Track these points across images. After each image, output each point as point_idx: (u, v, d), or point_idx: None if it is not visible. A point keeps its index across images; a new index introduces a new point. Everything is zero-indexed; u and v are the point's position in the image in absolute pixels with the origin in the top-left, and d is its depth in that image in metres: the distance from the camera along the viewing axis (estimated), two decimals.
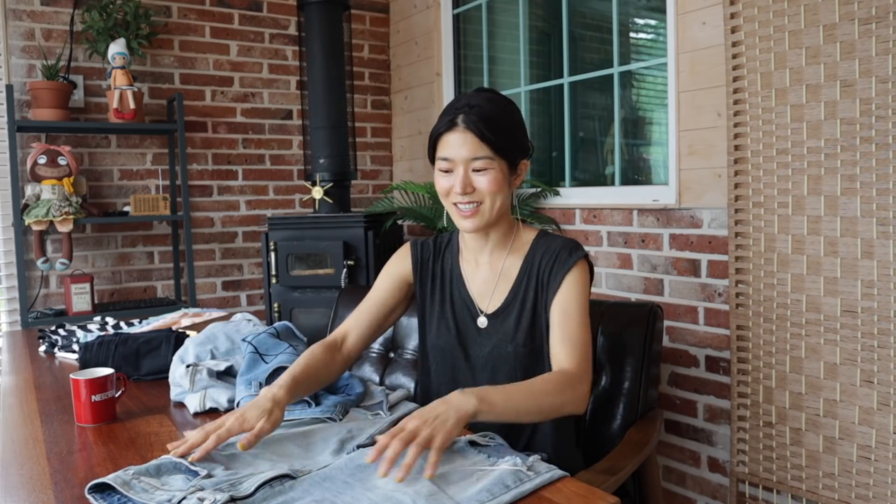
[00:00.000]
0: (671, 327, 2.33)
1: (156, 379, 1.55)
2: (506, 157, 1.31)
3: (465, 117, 1.28)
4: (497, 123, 1.29)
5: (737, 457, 2.12)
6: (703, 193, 2.19)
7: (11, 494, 0.96)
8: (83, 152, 3.02)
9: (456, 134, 1.29)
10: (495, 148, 1.28)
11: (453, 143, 1.30)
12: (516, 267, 1.38)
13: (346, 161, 3.13)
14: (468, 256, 1.44)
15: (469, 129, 1.28)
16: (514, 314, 1.35)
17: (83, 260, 3.03)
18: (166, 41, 3.19)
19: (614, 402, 1.60)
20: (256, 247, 3.41)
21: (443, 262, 1.46)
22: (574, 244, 1.35)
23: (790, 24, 1.89)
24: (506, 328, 1.36)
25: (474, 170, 1.29)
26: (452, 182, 1.31)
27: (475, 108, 1.29)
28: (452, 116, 1.30)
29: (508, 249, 1.40)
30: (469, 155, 1.29)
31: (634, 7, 2.60)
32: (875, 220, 1.76)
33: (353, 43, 3.62)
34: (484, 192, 1.30)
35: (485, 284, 1.40)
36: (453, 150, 1.30)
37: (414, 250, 1.47)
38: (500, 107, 1.32)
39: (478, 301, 1.40)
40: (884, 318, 1.76)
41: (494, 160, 1.29)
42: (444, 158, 1.32)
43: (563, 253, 1.32)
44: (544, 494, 0.93)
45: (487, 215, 1.32)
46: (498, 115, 1.30)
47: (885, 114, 1.72)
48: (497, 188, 1.30)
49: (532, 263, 1.36)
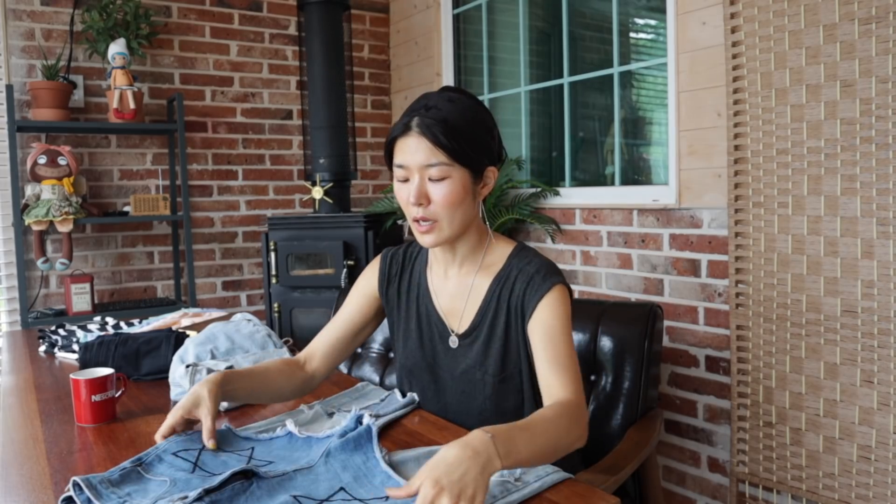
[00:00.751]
0: (671, 327, 2.33)
1: (156, 379, 1.55)
2: (466, 163, 1.18)
3: (420, 120, 1.17)
4: (455, 127, 1.17)
5: (737, 457, 2.12)
6: (703, 193, 2.19)
7: (11, 494, 0.96)
8: (83, 152, 3.02)
9: (410, 139, 1.18)
10: (452, 154, 1.16)
11: (407, 148, 1.18)
12: (486, 285, 1.27)
13: (346, 161, 3.13)
14: (437, 269, 1.33)
15: (423, 134, 1.16)
16: (483, 338, 1.26)
17: (83, 260, 3.03)
18: (166, 41, 3.19)
19: (614, 402, 1.60)
20: (256, 247, 3.41)
21: (411, 274, 1.37)
22: (550, 267, 1.23)
23: (790, 24, 1.89)
24: (475, 352, 1.26)
25: (431, 178, 1.18)
26: (408, 193, 1.20)
27: (432, 109, 1.18)
28: (408, 119, 1.19)
29: (479, 263, 1.29)
30: (423, 161, 1.17)
31: (634, 7, 2.60)
32: (875, 220, 1.76)
33: (353, 43, 3.63)
34: (439, 207, 1.18)
35: (454, 300, 1.30)
36: (407, 157, 1.18)
37: (382, 264, 1.39)
38: (461, 107, 1.20)
39: (447, 318, 1.30)
40: (884, 318, 1.76)
41: (453, 167, 1.17)
42: (399, 165, 1.20)
43: (536, 277, 1.21)
44: (544, 494, 0.93)
45: (447, 232, 1.21)
46: (458, 118, 1.18)
47: (885, 114, 1.72)
48: (455, 200, 1.18)
49: (503, 285, 1.24)
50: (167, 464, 1.00)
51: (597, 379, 1.65)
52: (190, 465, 1.00)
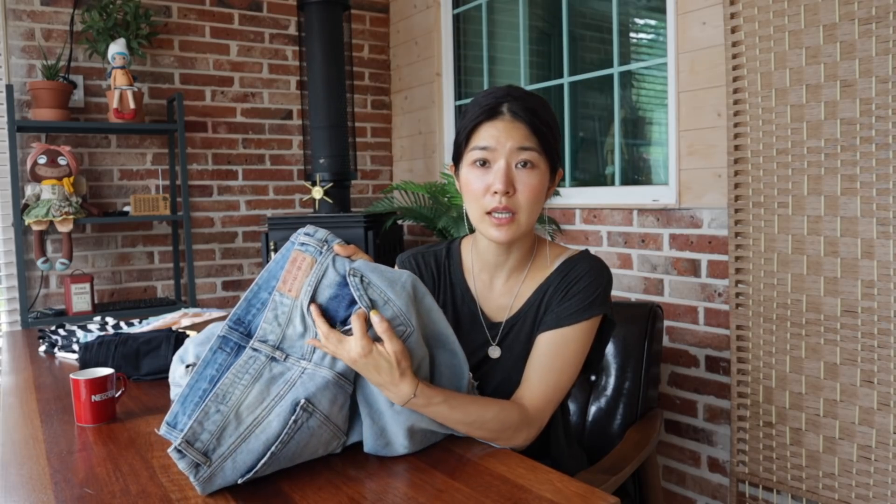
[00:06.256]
0: (671, 327, 2.33)
1: (156, 379, 1.55)
2: (550, 156, 1.14)
3: (511, 105, 1.11)
4: (544, 118, 1.12)
5: (737, 457, 2.12)
6: (703, 193, 2.19)
7: (11, 494, 0.96)
8: (83, 152, 3.02)
9: (501, 122, 1.11)
10: (544, 142, 1.12)
11: (497, 131, 1.11)
12: (531, 291, 1.21)
13: (346, 161, 3.13)
14: (481, 275, 1.25)
15: (518, 118, 1.11)
16: (518, 350, 1.20)
17: (83, 260, 3.03)
18: (166, 41, 3.19)
19: (614, 402, 1.60)
20: (256, 247, 3.41)
21: (450, 278, 1.28)
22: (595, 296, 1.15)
23: (790, 24, 1.89)
24: (511, 364, 1.20)
25: (518, 165, 1.11)
26: (489, 181, 1.11)
27: (519, 99, 1.12)
28: (494, 104, 1.12)
29: (527, 270, 1.22)
30: (516, 144, 1.10)
31: (634, 7, 2.60)
32: (875, 220, 1.76)
33: (353, 43, 3.63)
34: (523, 197, 1.11)
35: (499, 310, 1.23)
36: (496, 139, 1.10)
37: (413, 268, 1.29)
38: (542, 102, 1.15)
39: (490, 329, 1.23)
40: (884, 318, 1.76)
41: (541, 157, 1.12)
42: (482, 147, 1.11)
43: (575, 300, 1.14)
44: (545, 495, 0.93)
45: (524, 227, 1.13)
46: (544, 111, 1.14)
47: (885, 114, 1.72)
48: (539, 192, 1.13)
49: (546, 292, 1.19)
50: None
51: (597, 379, 1.65)
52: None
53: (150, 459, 1.06)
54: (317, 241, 1.01)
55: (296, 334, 0.99)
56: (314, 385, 0.97)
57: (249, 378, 0.95)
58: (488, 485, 0.95)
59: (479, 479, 0.97)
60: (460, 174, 1.18)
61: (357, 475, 0.99)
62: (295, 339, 0.99)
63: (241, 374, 0.95)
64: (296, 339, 0.99)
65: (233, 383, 0.94)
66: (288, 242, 1.02)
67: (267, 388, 0.95)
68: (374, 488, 0.95)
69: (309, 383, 0.97)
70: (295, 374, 0.97)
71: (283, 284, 0.99)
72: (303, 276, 0.99)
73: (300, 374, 0.97)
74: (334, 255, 1.00)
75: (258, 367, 0.96)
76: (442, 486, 0.95)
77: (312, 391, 0.96)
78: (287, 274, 0.99)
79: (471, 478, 0.98)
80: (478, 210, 1.14)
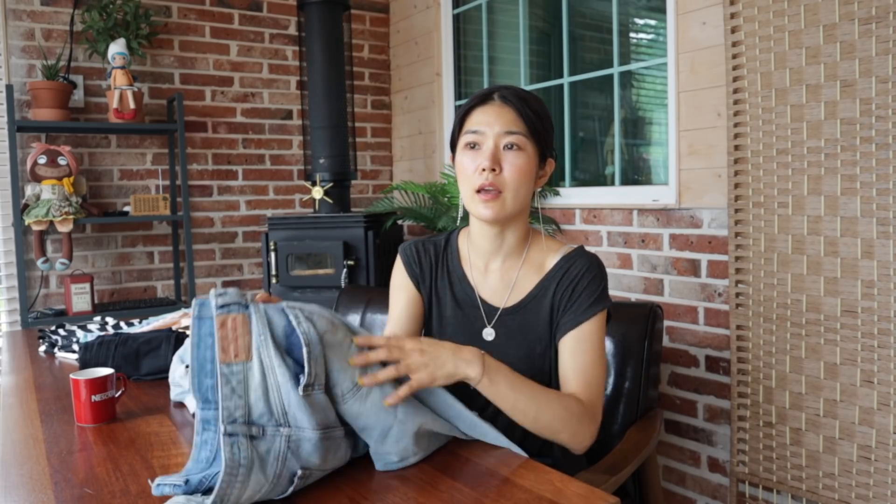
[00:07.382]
0: (671, 327, 2.33)
1: (156, 379, 1.55)
2: (538, 142, 1.21)
3: (502, 92, 1.21)
4: (533, 107, 1.21)
5: (737, 457, 2.12)
6: (703, 193, 2.19)
7: (11, 494, 0.96)
8: (83, 152, 3.02)
9: (491, 107, 1.20)
10: (531, 127, 1.19)
11: (486, 115, 1.20)
12: (531, 283, 1.26)
13: (346, 161, 3.13)
14: (476, 262, 1.31)
15: (507, 103, 1.20)
16: (517, 336, 1.25)
17: (83, 260, 3.03)
18: (166, 41, 3.19)
19: (614, 402, 1.60)
20: (256, 247, 3.41)
21: (448, 265, 1.34)
22: (600, 289, 1.21)
23: (790, 24, 1.89)
24: (508, 349, 1.25)
25: (505, 147, 1.19)
26: (477, 161, 1.19)
27: (511, 88, 1.22)
28: (486, 92, 1.22)
29: (523, 258, 1.28)
30: (503, 128, 1.18)
31: (634, 7, 2.60)
32: (875, 220, 1.76)
33: (353, 43, 3.63)
34: (508, 176, 1.18)
35: (495, 295, 1.29)
36: (486, 122, 1.19)
37: (409, 256, 1.35)
38: (534, 96, 1.25)
39: (487, 313, 1.29)
40: (884, 318, 1.76)
41: (528, 141, 1.20)
42: (472, 131, 1.20)
43: (583, 298, 1.20)
44: (545, 495, 0.93)
45: (509, 206, 1.20)
46: (534, 101, 1.23)
47: (885, 114, 1.72)
48: (524, 173, 1.19)
49: (548, 288, 1.24)
50: None
51: None
52: None
53: (150, 459, 1.06)
54: (236, 297, 0.95)
55: (259, 399, 0.93)
56: (304, 451, 0.93)
57: (244, 471, 0.88)
58: (488, 485, 0.95)
59: (479, 479, 0.97)
60: (456, 159, 1.26)
61: (357, 475, 1.00)
62: (261, 405, 0.93)
63: (234, 471, 0.88)
64: (261, 405, 0.93)
65: (230, 484, 0.87)
66: (192, 319, 0.95)
67: (263, 472, 0.90)
68: (374, 488, 0.95)
69: (298, 451, 0.93)
70: (282, 447, 0.92)
71: (224, 355, 0.92)
72: (244, 335, 0.93)
73: (286, 444, 0.92)
74: (259, 304, 0.96)
75: (247, 456, 0.89)
76: (442, 486, 0.95)
77: (304, 458, 0.93)
78: (223, 342, 0.92)
79: (471, 478, 0.98)
80: (468, 189, 1.21)
